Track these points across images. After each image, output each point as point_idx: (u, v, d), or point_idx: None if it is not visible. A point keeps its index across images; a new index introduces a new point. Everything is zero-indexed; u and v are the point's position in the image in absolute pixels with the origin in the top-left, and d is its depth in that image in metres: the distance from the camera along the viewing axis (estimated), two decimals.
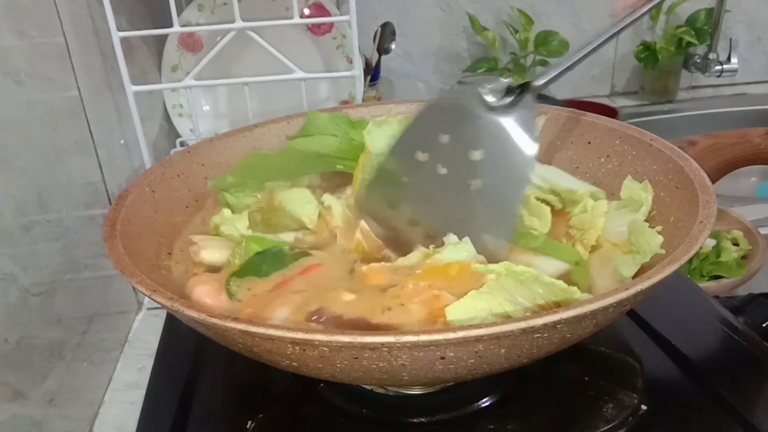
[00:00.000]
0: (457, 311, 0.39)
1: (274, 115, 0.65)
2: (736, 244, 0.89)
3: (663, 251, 0.43)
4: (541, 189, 0.54)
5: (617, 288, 0.36)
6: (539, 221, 0.50)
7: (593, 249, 0.49)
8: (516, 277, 0.41)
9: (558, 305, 0.40)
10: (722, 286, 0.84)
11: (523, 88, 0.48)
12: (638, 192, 0.51)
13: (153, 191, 0.53)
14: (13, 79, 0.51)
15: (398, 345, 0.33)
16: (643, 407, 0.45)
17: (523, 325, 0.33)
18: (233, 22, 0.69)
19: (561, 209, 0.53)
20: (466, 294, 0.40)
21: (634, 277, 0.44)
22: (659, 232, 0.45)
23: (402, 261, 0.46)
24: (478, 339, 0.33)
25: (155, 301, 0.38)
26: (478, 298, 0.40)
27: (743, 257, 0.88)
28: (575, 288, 0.40)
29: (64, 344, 0.54)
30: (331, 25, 0.90)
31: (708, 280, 0.86)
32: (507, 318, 0.40)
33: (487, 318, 0.40)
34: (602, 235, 0.49)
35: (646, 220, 0.49)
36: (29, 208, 0.51)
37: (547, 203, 0.52)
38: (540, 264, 0.46)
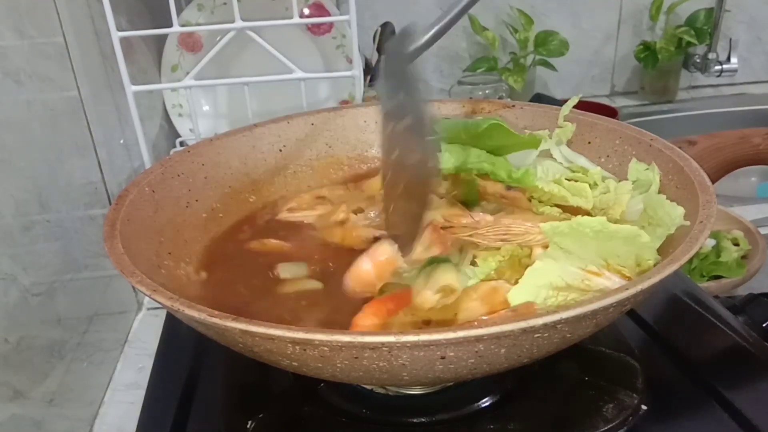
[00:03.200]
0: (519, 294, 0.40)
1: (273, 115, 0.65)
2: (736, 244, 0.89)
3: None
4: (570, 169, 0.54)
5: (617, 288, 0.36)
6: (582, 199, 0.50)
7: None
8: (580, 231, 0.41)
9: (609, 268, 0.40)
10: (722, 286, 0.84)
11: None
12: (645, 173, 0.51)
13: (153, 191, 0.53)
14: (13, 79, 0.51)
15: (398, 345, 0.33)
16: (643, 407, 0.45)
17: (523, 325, 0.33)
18: (233, 22, 0.69)
19: None
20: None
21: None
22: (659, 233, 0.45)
23: None
24: (478, 339, 0.33)
25: (155, 301, 0.38)
26: (535, 275, 0.40)
27: (743, 257, 0.87)
28: (641, 230, 0.40)
29: (64, 344, 0.54)
30: (331, 25, 0.90)
31: (708, 280, 0.86)
32: (568, 289, 0.40)
33: (550, 293, 0.40)
34: (620, 218, 0.49)
35: None
36: (29, 208, 0.51)
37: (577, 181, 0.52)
38: None
